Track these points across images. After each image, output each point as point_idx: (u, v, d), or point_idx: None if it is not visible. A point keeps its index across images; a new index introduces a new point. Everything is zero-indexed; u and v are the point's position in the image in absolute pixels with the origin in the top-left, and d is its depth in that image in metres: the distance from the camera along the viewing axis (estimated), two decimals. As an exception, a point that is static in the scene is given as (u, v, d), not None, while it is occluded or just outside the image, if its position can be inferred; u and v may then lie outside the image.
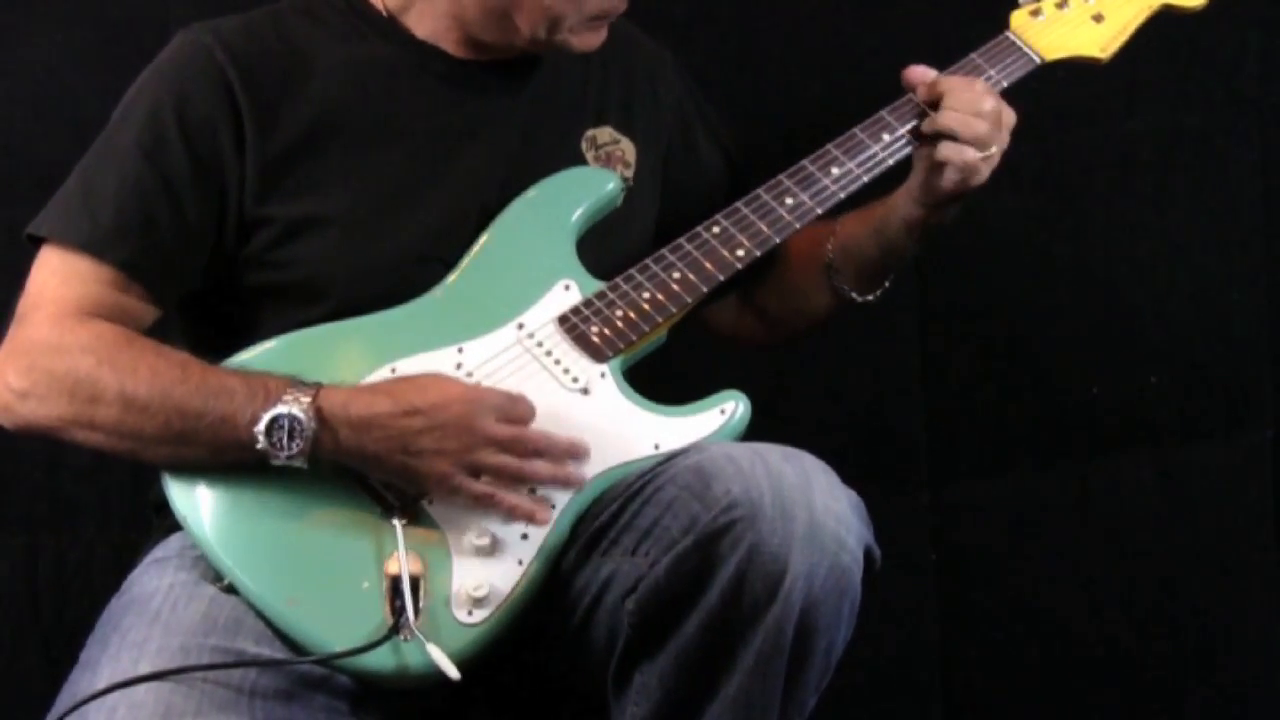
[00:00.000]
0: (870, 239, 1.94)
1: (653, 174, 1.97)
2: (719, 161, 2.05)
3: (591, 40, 1.85)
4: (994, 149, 1.84)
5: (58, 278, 1.74)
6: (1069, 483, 2.58)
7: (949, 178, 1.84)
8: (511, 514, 1.66)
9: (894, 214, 1.91)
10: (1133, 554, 2.59)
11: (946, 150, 1.83)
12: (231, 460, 1.65)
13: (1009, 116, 1.87)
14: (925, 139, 1.87)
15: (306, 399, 1.62)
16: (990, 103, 1.85)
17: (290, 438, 1.61)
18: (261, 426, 1.61)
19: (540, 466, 1.67)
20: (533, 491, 1.67)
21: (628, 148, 1.95)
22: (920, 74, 1.90)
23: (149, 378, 1.65)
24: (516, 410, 1.68)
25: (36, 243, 1.77)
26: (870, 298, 1.98)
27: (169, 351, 1.69)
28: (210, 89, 1.78)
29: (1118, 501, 2.59)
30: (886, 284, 1.99)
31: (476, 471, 1.66)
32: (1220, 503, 2.60)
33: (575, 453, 1.69)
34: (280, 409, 1.61)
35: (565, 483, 1.68)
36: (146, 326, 1.76)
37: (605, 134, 1.95)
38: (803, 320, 2.06)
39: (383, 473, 1.66)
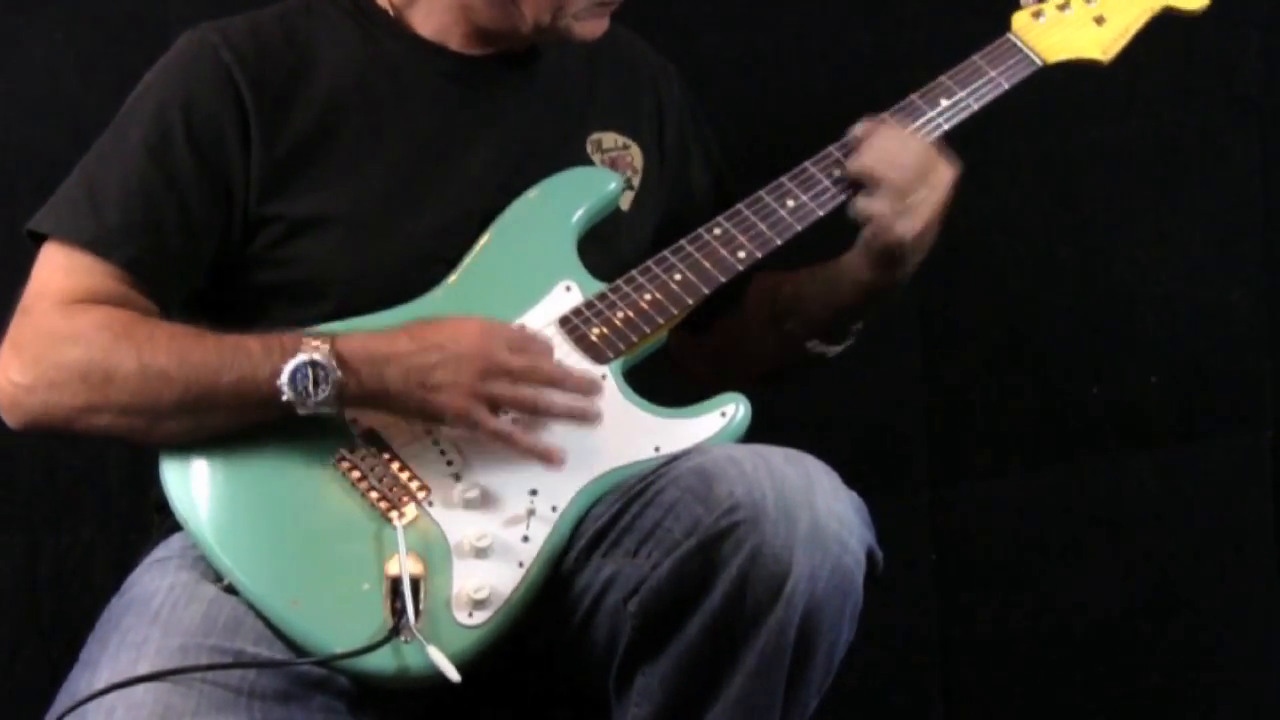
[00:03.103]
0: (820, 298, 1.90)
1: (658, 181, 1.97)
2: (709, 179, 2.04)
3: (594, 28, 1.85)
4: (919, 199, 1.79)
5: (62, 271, 1.73)
6: (1069, 483, 2.58)
7: (870, 233, 1.80)
8: (528, 452, 1.66)
9: (844, 276, 1.87)
10: (1133, 554, 2.59)
11: (860, 204, 1.79)
12: (251, 421, 1.65)
13: (945, 171, 1.82)
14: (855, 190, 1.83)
15: (325, 345, 1.63)
16: (912, 151, 1.81)
17: (316, 384, 1.62)
18: (285, 378, 1.61)
19: (556, 398, 1.67)
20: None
21: (635, 153, 1.96)
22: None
23: (166, 344, 1.66)
24: (532, 343, 1.69)
25: (37, 240, 1.77)
26: (830, 350, 1.94)
27: (179, 324, 1.70)
28: (216, 89, 1.78)
29: (1118, 501, 2.59)
30: (850, 340, 1.94)
31: (494, 406, 1.66)
32: (1220, 503, 2.60)
33: (589, 387, 1.69)
34: (301, 358, 1.62)
35: (581, 415, 1.68)
36: (149, 325, 1.75)
37: (611, 139, 1.95)
38: (755, 369, 2.00)
39: (404, 410, 1.67)
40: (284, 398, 1.62)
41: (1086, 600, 2.58)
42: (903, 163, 1.80)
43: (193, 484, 1.68)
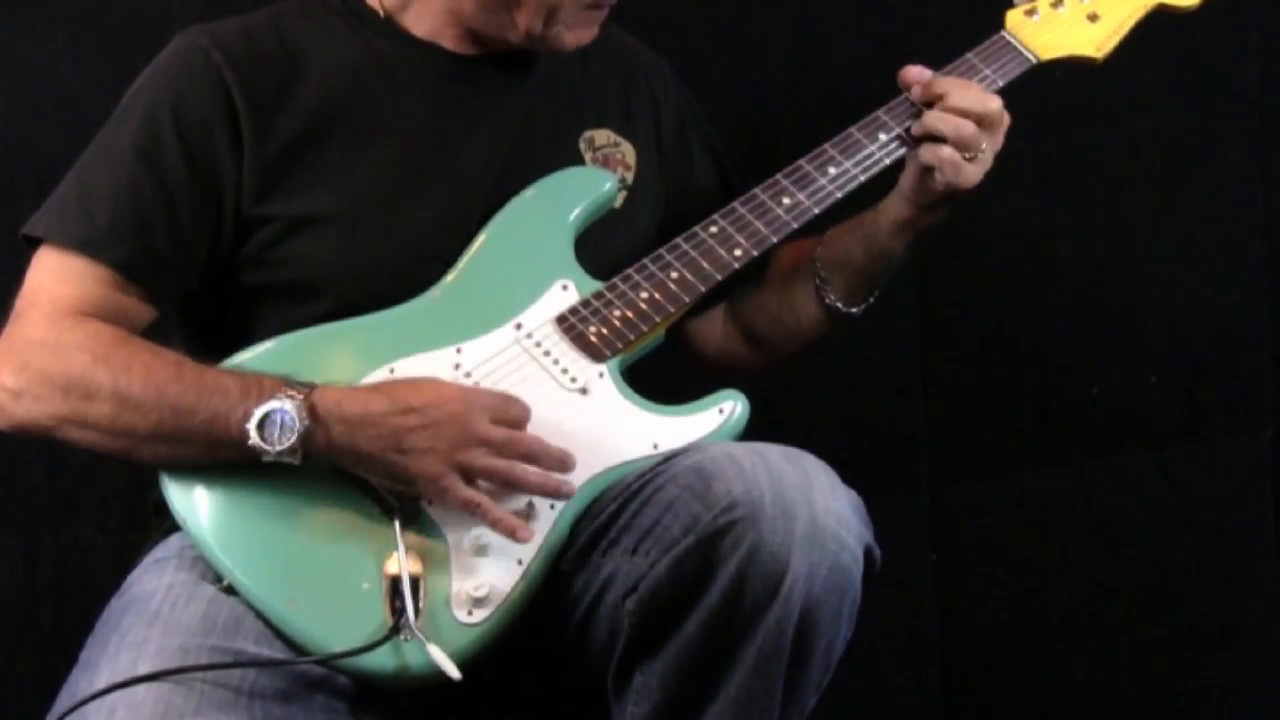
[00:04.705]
0: (859, 245, 1.93)
1: (654, 178, 1.98)
2: (713, 172, 2.05)
3: (583, 35, 1.85)
4: (984, 150, 1.83)
5: (54, 278, 1.74)
6: (1069, 483, 2.58)
7: (938, 179, 1.84)
8: (495, 526, 1.65)
9: (884, 217, 1.90)
10: (1133, 554, 2.59)
11: (927, 153, 1.83)
12: (224, 458, 1.65)
13: (1003, 117, 1.86)
14: (917, 140, 1.86)
15: (299, 396, 1.62)
16: (983, 104, 1.84)
17: (281, 433, 1.61)
18: (253, 423, 1.61)
19: (531, 473, 1.67)
20: (530, 506, 1.67)
21: (628, 150, 1.96)
22: (916, 74, 1.90)
23: (143, 375, 1.65)
24: (511, 412, 1.68)
25: (32, 243, 1.78)
26: (856, 310, 1.96)
27: (163, 351, 1.70)
28: (207, 91, 1.79)
29: (1118, 501, 2.59)
30: (872, 298, 1.97)
31: (468, 474, 1.65)
32: (1220, 503, 2.60)
33: (566, 463, 1.68)
34: (272, 404, 1.61)
35: (554, 492, 1.67)
36: (143, 327, 1.76)
37: (604, 136, 1.95)
38: (791, 340, 2.03)
39: (375, 472, 1.65)
40: (249, 441, 1.61)
41: (1086, 600, 2.58)
42: (975, 112, 1.83)
43: (191, 485, 1.68)
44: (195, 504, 1.67)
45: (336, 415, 1.63)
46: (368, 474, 1.66)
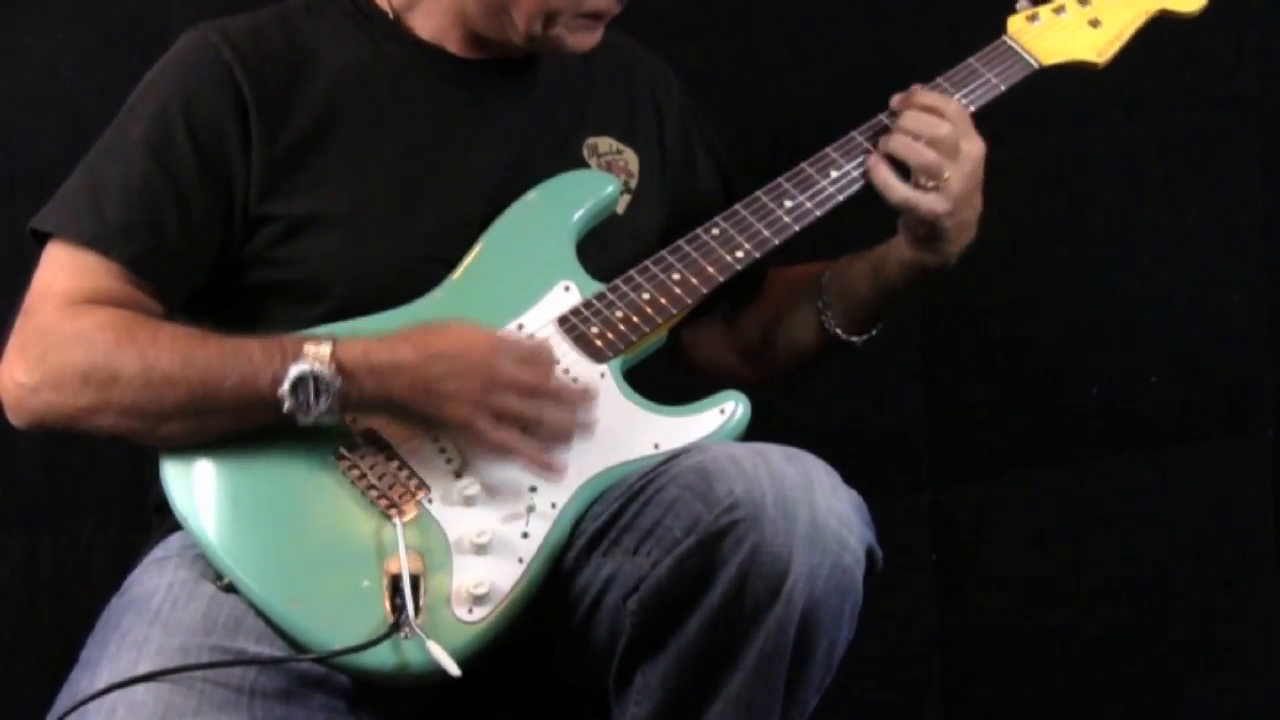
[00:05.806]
0: (865, 275, 1.92)
1: (657, 184, 1.98)
2: (716, 177, 2.05)
3: (586, 40, 1.85)
4: (947, 178, 1.80)
5: (66, 272, 1.74)
6: (1068, 483, 2.58)
7: (901, 209, 1.82)
8: (530, 463, 1.66)
9: (893, 254, 1.88)
10: (1133, 554, 2.59)
11: (883, 183, 1.82)
12: (254, 423, 1.65)
13: (972, 147, 1.83)
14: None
15: (326, 353, 1.62)
16: (945, 129, 1.81)
17: (317, 395, 1.61)
18: (286, 387, 1.61)
19: (560, 413, 1.67)
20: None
21: (630, 158, 1.96)
22: (899, 100, 1.88)
23: (169, 345, 1.66)
24: (538, 357, 1.69)
25: (40, 239, 1.77)
26: (856, 340, 1.96)
27: (181, 324, 1.70)
28: (217, 87, 1.79)
29: (1118, 501, 2.59)
30: (874, 330, 1.96)
31: (498, 417, 1.66)
32: (1220, 503, 2.60)
33: (588, 400, 1.69)
34: (302, 366, 1.61)
35: (583, 430, 1.68)
36: (151, 325, 1.76)
37: (606, 143, 1.95)
38: (786, 361, 2.03)
39: (405, 416, 1.67)
40: (285, 407, 1.62)
41: (1086, 600, 2.59)
42: (929, 139, 1.81)
43: (193, 483, 1.68)
44: (196, 503, 1.67)
45: (365, 367, 1.64)
46: (401, 420, 1.67)
